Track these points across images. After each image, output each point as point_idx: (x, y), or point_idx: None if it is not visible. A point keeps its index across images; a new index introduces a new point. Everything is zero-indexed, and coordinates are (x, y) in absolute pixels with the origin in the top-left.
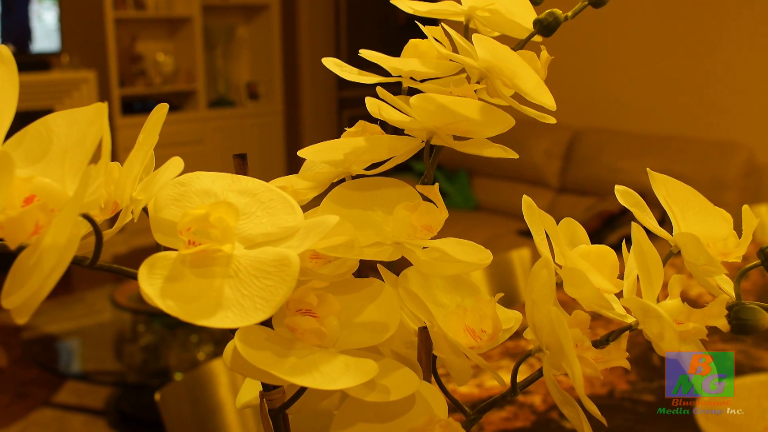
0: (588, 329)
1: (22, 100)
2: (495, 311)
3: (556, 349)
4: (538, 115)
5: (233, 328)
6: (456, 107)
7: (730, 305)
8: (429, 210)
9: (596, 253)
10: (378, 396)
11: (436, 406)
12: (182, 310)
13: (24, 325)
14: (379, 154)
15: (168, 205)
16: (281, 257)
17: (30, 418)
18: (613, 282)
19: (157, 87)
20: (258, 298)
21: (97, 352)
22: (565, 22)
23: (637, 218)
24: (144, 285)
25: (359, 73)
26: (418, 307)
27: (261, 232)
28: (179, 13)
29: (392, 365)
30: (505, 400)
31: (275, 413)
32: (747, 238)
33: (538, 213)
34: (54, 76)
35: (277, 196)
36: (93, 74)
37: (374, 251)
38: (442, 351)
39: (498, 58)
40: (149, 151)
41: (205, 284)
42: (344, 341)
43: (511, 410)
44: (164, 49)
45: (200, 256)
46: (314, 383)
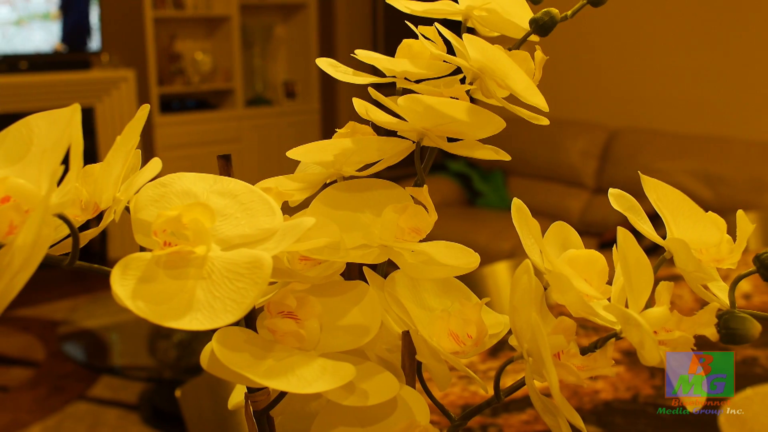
0: (574, 336)
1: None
2: (480, 316)
3: (537, 356)
4: (531, 116)
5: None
6: (443, 108)
7: (720, 313)
8: (417, 212)
9: (585, 258)
10: (356, 400)
11: (418, 411)
12: (152, 312)
13: (61, 320)
14: (367, 155)
15: (147, 206)
16: (254, 259)
17: (66, 411)
18: (600, 288)
19: (195, 86)
20: (229, 300)
21: (131, 348)
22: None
23: (632, 223)
24: (115, 286)
25: (354, 74)
26: (402, 311)
27: (238, 233)
28: (217, 12)
29: (373, 369)
30: (489, 406)
31: (259, 415)
32: (741, 244)
33: (525, 216)
34: (94, 75)
35: (257, 197)
36: (132, 73)
37: (360, 254)
38: (423, 356)
39: (489, 59)
40: (131, 151)
41: (178, 286)
42: (326, 344)
43: (532, 413)
44: (202, 48)
45: (174, 257)
46: (288, 386)
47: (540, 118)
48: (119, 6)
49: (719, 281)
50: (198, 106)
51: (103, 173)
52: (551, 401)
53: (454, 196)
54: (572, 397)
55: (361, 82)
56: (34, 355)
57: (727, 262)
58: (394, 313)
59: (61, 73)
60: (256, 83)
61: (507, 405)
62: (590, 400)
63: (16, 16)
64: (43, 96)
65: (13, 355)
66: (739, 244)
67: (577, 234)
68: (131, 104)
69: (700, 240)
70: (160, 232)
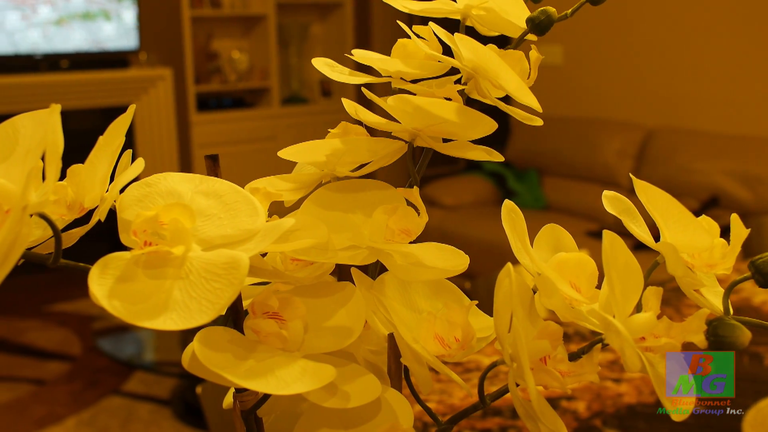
0: (560, 341)
1: (102, 97)
2: (466, 319)
3: (519, 360)
4: (525, 117)
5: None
6: (432, 109)
7: (709, 320)
8: (407, 214)
9: (575, 262)
10: (337, 402)
11: (402, 414)
12: (127, 311)
13: (96, 316)
14: (358, 156)
15: (131, 206)
16: (231, 260)
17: (100, 405)
18: (588, 293)
19: (232, 84)
20: (204, 300)
21: (164, 344)
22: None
23: (626, 226)
24: (92, 285)
25: (350, 74)
26: (388, 313)
27: (220, 234)
28: (254, 11)
29: (357, 371)
30: (475, 410)
31: (247, 414)
32: (735, 249)
33: (514, 218)
34: (132, 74)
35: (242, 198)
36: (169, 72)
37: (348, 255)
38: (407, 359)
39: (481, 59)
40: (117, 151)
41: (156, 285)
42: (311, 345)
43: None
44: (239, 46)
45: (153, 257)
46: (267, 388)
47: (534, 119)
48: (157, 5)
49: (716, 286)
50: (234, 105)
51: (87, 173)
52: (543, 409)
53: (488, 196)
54: (595, 400)
55: (356, 81)
56: (71, 349)
57: (720, 267)
58: (382, 315)
59: (100, 71)
60: (292, 82)
61: None
62: (613, 403)
63: (57, 15)
64: (82, 94)
65: (51, 349)
66: (732, 248)
67: (571, 237)
68: (168, 103)
69: (691, 244)
70: (140, 231)
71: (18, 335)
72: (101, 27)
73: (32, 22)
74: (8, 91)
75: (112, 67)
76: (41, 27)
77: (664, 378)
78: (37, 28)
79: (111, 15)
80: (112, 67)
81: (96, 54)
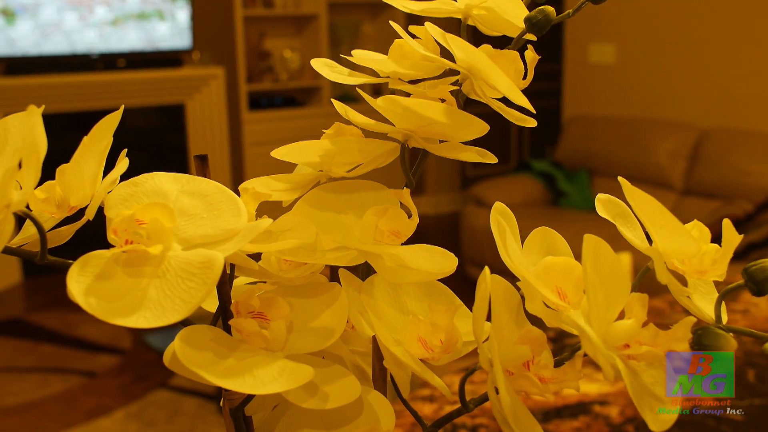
0: (543, 346)
1: (156, 96)
2: (451, 322)
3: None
4: (519, 118)
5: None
6: (419, 110)
7: (695, 329)
8: (397, 215)
9: (561, 266)
10: (316, 403)
11: (383, 416)
12: (102, 309)
13: None
14: (350, 157)
15: (116, 205)
16: (207, 259)
17: (148, 399)
18: (575, 297)
19: (284, 83)
20: (178, 299)
21: None
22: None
23: (619, 230)
24: (70, 282)
25: (349, 74)
26: (369, 315)
27: (201, 233)
28: (306, 10)
29: (338, 372)
30: (459, 415)
31: (235, 412)
32: (726, 255)
33: (500, 221)
34: (185, 73)
35: (226, 198)
36: (222, 71)
37: (336, 256)
38: (387, 361)
39: (472, 59)
40: (105, 150)
41: (133, 283)
42: (295, 345)
43: (585, 420)
44: (291, 45)
45: (133, 255)
46: (243, 387)
47: (527, 120)
48: (210, 5)
49: (712, 293)
50: (285, 104)
51: (73, 172)
52: (519, 415)
53: (538, 196)
54: (629, 405)
55: (354, 82)
56: (121, 343)
57: (711, 274)
58: (369, 316)
59: (154, 70)
60: None
61: (560, 411)
62: None
63: (113, 16)
64: (137, 93)
65: (102, 342)
66: (724, 255)
67: (564, 240)
68: (221, 101)
69: (678, 250)
70: (120, 230)
71: (71, 328)
72: (155, 27)
73: (89, 23)
74: (66, 89)
75: (166, 66)
76: (98, 27)
77: (648, 387)
78: (93, 28)
79: (165, 15)
80: (166, 66)
81: (150, 53)
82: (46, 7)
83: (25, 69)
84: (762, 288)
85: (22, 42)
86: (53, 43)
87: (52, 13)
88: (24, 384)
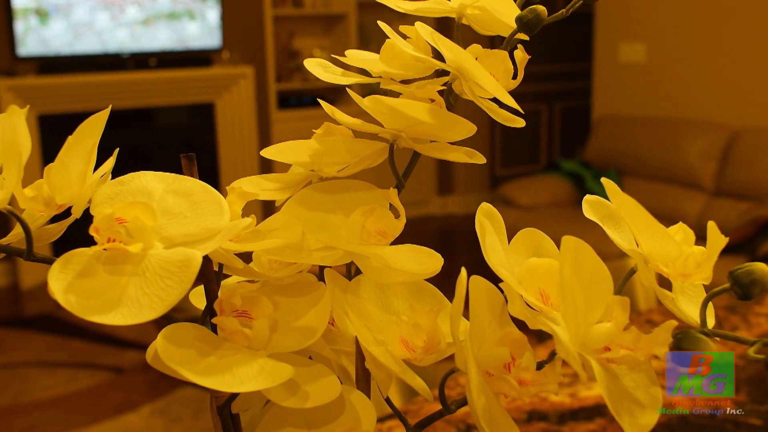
0: (525, 348)
1: (185, 94)
2: (434, 323)
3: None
4: (507, 118)
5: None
6: (405, 110)
7: (675, 332)
8: (383, 216)
9: (545, 268)
10: (296, 401)
11: (365, 416)
12: (80, 306)
13: (176, 307)
14: (339, 157)
15: (101, 203)
16: (185, 258)
17: (174, 395)
18: (556, 299)
19: (312, 82)
20: (155, 297)
21: None
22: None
23: (607, 233)
24: (51, 280)
25: (343, 74)
26: (350, 315)
27: (183, 232)
28: (335, 9)
29: (320, 372)
30: (441, 416)
31: (222, 409)
32: (711, 258)
33: (483, 222)
34: (215, 72)
35: (211, 197)
36: (251, 70)
37: (322, 255)
38: (368, 361)
39: (458, 59)
40: (92, 149)
41: (113, 281)
42: (279, 344)
43: (601, 423)
44: (320, 45)
45: (114, 253)
46: (221, 385)
47: (516, 120)
48: (240, 5)
49: (701, 296)
50: (314, 103)
51: (58, 172)
52: (494, 417)
53: (566, 196)
54: None
55: (346, 82)
56: (149, 339)
57: (696, 277)
58: (351, 316)
59: (185, 69)
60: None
61: (575, 413)
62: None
63: (144, 15)
64: (167, 91)
65: (130, 338)
66: (708, 258)
67: (552, 242)
68: (250, 100)
69: (661, 253)
70: (102, 228)
71: (99, 324)
72: (186, 26)
73: (120, 22)
74: (98, 88)
75: (196, 65)
76: (129, 27)
77: (628, 391)
78: (124, 27)
79: (195, 14)
80: (196, 65)
81: (181, 53)
82: (79, 7)
83: (57, 68)
84: (747, 292)
85: (55, 42)
86: (85, 43)
87: (85, 13)
88: (54, 379)
